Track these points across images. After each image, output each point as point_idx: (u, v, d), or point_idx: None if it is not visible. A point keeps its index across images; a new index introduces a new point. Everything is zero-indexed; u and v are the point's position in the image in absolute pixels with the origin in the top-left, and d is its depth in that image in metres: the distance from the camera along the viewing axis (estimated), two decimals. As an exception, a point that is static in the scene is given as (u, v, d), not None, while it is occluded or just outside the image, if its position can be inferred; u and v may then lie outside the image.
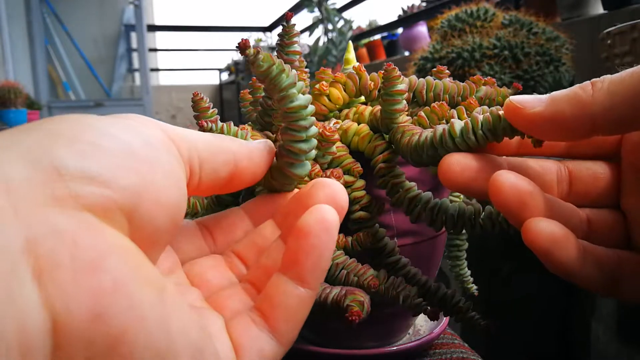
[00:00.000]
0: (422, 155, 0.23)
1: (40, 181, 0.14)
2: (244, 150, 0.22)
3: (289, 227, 0.21)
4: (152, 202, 0.16)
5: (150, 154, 0.17)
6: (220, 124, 0.27)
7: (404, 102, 0.26)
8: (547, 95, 0.20)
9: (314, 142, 0.23)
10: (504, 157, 0.23)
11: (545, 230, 0.19)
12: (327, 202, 0.20)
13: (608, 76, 0.19)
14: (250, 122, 0.33)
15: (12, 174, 0.13)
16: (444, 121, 0.27)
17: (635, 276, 0.20)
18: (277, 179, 0.24)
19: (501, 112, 0.21)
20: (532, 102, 0.20)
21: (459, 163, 0.21)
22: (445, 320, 0.36)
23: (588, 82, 0.19)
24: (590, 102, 0.19)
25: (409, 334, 0.36)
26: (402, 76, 0.26)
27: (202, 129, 0.26)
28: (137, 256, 0.15)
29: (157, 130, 0.18)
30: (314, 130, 0.23)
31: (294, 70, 0.22)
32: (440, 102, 0.27)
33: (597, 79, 0.19)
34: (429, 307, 0.26)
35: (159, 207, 0.16)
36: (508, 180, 0.19)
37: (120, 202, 0.15)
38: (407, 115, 0.28)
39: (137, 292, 0.14)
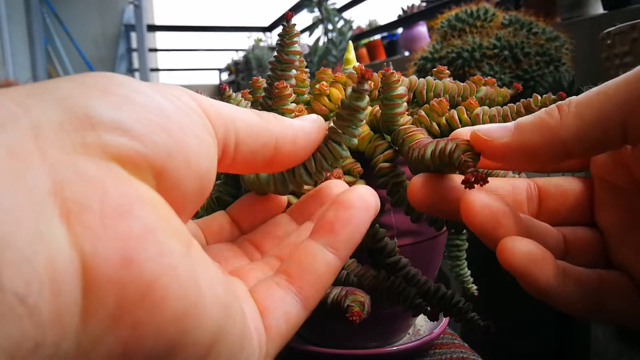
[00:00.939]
0: (430, 168, 0.23)
1: (71, 128, 0.13)
2: (289, 133, 0.21)
3: (309, 217, 0.22)
4: (182, 165, 0.15)
5: (182, 119, 0.16)
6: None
7: (404, 104, 0.27)
8: (513, 123, 0.19)
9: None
10: None
11: (521, 249, 0.18)
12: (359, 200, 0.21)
13: (574, 98, 0.18)
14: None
15: (43, 119, 0.13)
16: (444, 119, 0.27)
17: (617, 297, 0.20)
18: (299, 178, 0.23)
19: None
20: (498, 132, 0.19)
21: (425, 184, 0.21)
22: (445, 320, 0.36)
23: (554, 105, 0.19)
24: (559, 128, 0.18)
25: (409, 334, 0.36)
26: (401, 79, 0.26)
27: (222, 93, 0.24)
28: (166, 208, 0.15)
29: (191, 100, 0.18)
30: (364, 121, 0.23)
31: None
32: (439, 99, 0.27)
33: (563, 102, 0.18)
34: (428, 308, 0.26)
35: (188, 171, 0.16)
36: (480, 200, 0.19)
37: (150, 158, 0.14)
38: (408, 115, 0.28)
39: (167, 241, 0.14)
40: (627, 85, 0.17)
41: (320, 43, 2.65)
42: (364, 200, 0.20)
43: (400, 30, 2.47)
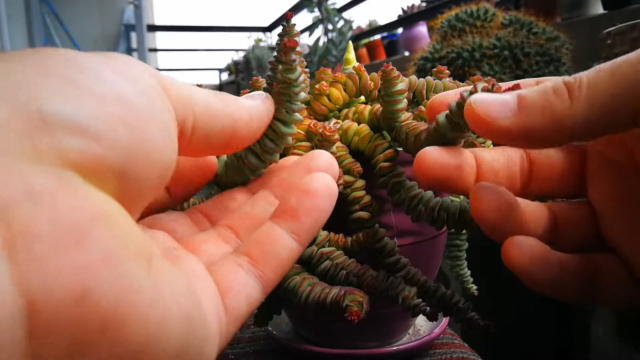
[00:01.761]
0: (444, 136, 0.22)
1: (21, 129, 0.12)
2: (245, 115, 0.20)
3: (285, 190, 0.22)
4: (145, 161, 0.14)
5: (145, 105, 0.15)
6: None
7: (405, 100, 0.27)
8: (515, 98, 0.18)
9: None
10: (471, 149, 0.22)
11: (524, 248, 0.18)
12: (326, 169, 0.21)
13: (585, 78, 0.17)
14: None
15: None
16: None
17: (612, 279, 0.20)
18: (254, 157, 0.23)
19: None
20: (499, 111, 0.18)
21: (434, 158, 0.20)
22: (445, 320, 0.36)
23: (561, 84, 0.17)
24: (567, 114, 0.17)
25: (409, 334, 0.36)
26: (401, 75, 0.26)
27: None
28: (126, 223, 0.13)
29: (152, 77, 0.16)
30: (303, 95, 0.23)
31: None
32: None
33: (572, 79, 0.17)
34: (428, 308, 0.26)
35: (151, 165, 0.15)
36: (488, 195, 0.19)
37: (111, 160, 0.13)
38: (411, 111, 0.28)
39: (127, 265, 0.12)
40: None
41: (320, 43, 2.65)
42: (328, 187, 0.19)
43: (400, 30, 2.48)
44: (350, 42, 0.39)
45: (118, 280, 0.12)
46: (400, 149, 0.28)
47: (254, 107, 0.21)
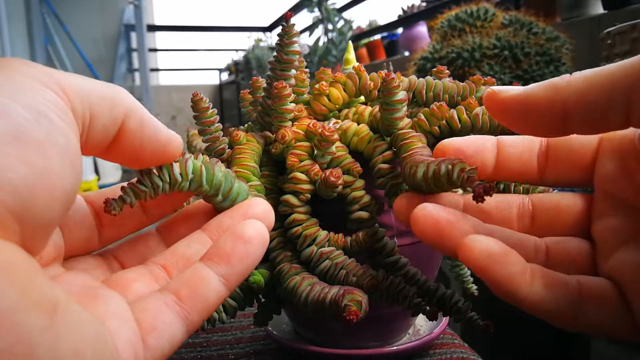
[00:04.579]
0: (422, 187, 0.22)
1: None
2: (139, 110, 0.19)
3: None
4: (47, 195, 0.14)
5: (43, 131, 0.14)
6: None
7: (404, 109, 0.27)
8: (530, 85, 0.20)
9: None
10: (461, 195, 0.22)
11: (480, 245, 0.18)
12: (263, 217, 0.22)
13: (591, 69, 0.18)
14: (250, 122, 0.33)
15: None
16: (444, 121, 0.27)
17: (597, 306, 0.19)
18: None
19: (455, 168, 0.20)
20: (509, 88, 0.20)
21: (409, 206, 0.21)
22: (445, 320, 0.36)
23: (567, 74, 0.19)
24: (564, 87, 0.18)
25: (409, 334, 0.36)
26: (400, 80, 0.26)
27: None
28: (26, 272, 0.13)
29: (50, 86, 0.15)
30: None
31: None
32: (439, 102, 0.27)
33: (580, 71, 0.19)
34: (428, 307, 0.26)
35: (53, 198, 0.14)
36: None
37: (9, 204, 0.13)
38: (408, 116, 0.28)
39: (24, 322, 0.12)
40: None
41: (320, 43, 2.65)
42: (261, 236, 0.20)
43: (400, 30, 2.48)
44: (350, 42, 0.39)
45: (12, 339, 0.12)
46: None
47: (150, 115, 0.20)
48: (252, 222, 0.20)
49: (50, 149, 0.14)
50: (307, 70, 0.31)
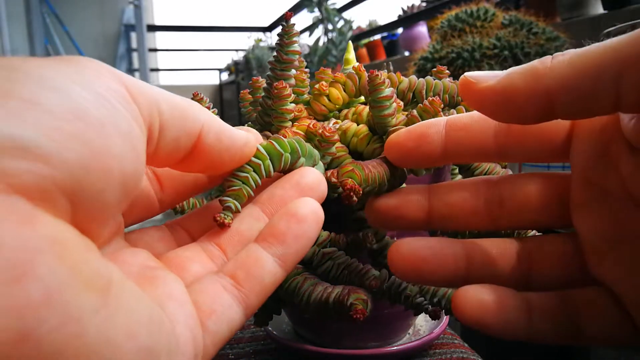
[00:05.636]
0: None
1: None
2: (215, 124, 0.19)
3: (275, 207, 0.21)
4: (103, 176, 0.13)
5: (104, 113, 0.14)
6: None
7: (393, 105, 0.26)
8: (505, 71, 0.18)
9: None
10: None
11: (473, 299, 0.18)
12: (316, 187, 0.21)
13: (573, 50, 0.17)
14: (250, 122, 0.33)
15: None
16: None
17: (596, 318, 0.18)
18: None
19: None
20: (486, 76, 0.18)
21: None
22: (445, 320, 0.36)
23: (549, 55, 0.17)
24: (546, 74, 0.16)
25: (409, 334, 0.36)
26: (387, 81, 0.26)
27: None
28: (77, 250, 0.13)
29: (114, 81, 0.15)
30: None
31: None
32: (432, 98, 0.27)
33: (561, 52, 0.17)
34: (430, 307, 0.26)
35: (110, 180, 0.14)
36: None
37: (61, 181, 0.12)
38: (405, 115, 0.28)
39: (75, 301, 0.12)
40: (631, 39, 0.15)
41: (320, 43, 2.66)
42: (316, 213, 0.19)
43: (400, 30, 2.48)
44: (350, 42, 0.39)
45: (62, 319, 0.11)
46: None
47: (228, 126, 0.20)
48: (306, 200, 0.20)
49: (111, 130, 0.14)
50: (307, 70, 0.31)
